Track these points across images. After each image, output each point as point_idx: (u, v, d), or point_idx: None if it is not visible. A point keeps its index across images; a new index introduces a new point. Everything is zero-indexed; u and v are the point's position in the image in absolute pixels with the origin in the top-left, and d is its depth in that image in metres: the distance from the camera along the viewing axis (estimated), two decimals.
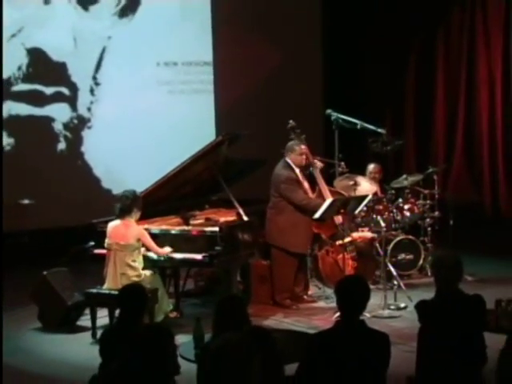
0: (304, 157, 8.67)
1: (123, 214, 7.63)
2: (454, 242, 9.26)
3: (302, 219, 8.58)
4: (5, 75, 10.80)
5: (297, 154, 8.61)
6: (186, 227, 8.05)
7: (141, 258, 7.64)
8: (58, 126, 11.23)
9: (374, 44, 13.14)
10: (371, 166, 10.03)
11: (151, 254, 7.75)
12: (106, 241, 7.68)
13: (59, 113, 11.22)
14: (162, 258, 7.80)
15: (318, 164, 8.86)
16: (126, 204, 7.63)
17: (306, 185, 8.73)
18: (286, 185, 8.57)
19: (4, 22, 10.68)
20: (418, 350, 5.25)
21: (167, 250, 7.73)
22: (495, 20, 12.74)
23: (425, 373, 5.19)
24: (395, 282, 8.83)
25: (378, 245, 9.13)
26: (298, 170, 8.68)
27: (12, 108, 10.90)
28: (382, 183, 10.00)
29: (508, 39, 12.64)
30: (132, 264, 7.57)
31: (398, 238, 9.49)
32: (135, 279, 7.44)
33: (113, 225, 7.67)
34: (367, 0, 13.08)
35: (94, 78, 11.41)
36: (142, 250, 7.71)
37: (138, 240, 7.60)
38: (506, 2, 12.63)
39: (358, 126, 9.63)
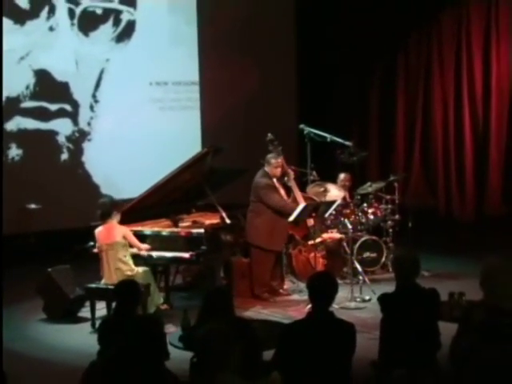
0: (279, 169, 8.70)
1: (104, 217, 7.68)
2: (413, 241, 9.27)
3: (277, 221, 8.60)
4: (14, 93, 10.75)
5: (273, 166, 8.65)
6: (175, 229, 8.04)
7: (129, 254, 7.65)
8: (61, 139, 11.18)
9: (342, 68, 13.16)
10: (342, 175, 10.04)
11: (135, 251, 7.76)
12: (96, 244, 7.70)
13: (62, 127, 11.17)
14: (151, 256, 7.80)
15: (290, 172, 8.88)
16: (106, 209, 7.70)
17: (282, 191, 8.76)
18: (265, 190, 8.59)
19: (14, 46, 10.63)
20: (380, 338, 5.27)
21: (145, 246, 7.77)
22: (448, 46, 12.80)
23: (386, 357, 5.21)
24: (360, 278, 8.87)
25: (345, 244, 9.14)
26: (274, 179, 8.71)
27: (20, 123, 10.84)
28: (352, 190, 10.02)
29: (460, 63, 12.70)
30: (123, 259, 7.59)
31: (363, 239, 9.51)
32: (129, 273, 7.45)
33: (98, 230, 7.71)
34: (336, 29, 13.10)
35: (94, 96, 11.37)
36: (134, 250, 7.72)
37: (124, 237, 7.62)
38: (458, 30, 12.70)
39: (328, 139, 9.67)
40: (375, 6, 12.64)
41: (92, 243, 7.90)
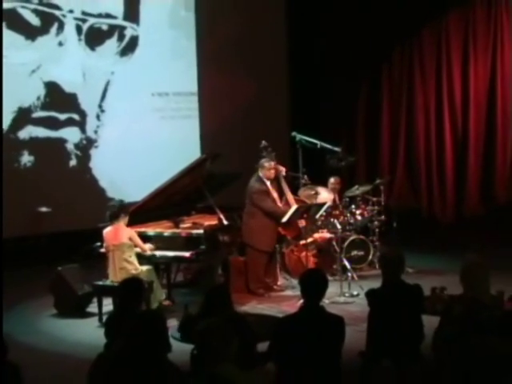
0: (273, 171, 8.71)
1: (112, 219, 7.69)
2: (397, 240, 9.29)
3: (269, 223, 8.62)
4: (26, 104, 10.72)
5: (266, 169, 8.66)
6: (176, 230, 8.04)
7: (134, 255, 7.65)
8: (70, 146, 11.15)
9: (331, 80, 13.16)
10: (331, 179, 10.04)
11: (148, 253, 7.75)
12: (104, 244, 7.69)
13: (71, 135, 11.15)
14: (154, 256, 7.80)
15: (283, 169, 8.87)
16: (114, 211, 7.72)
17: (274, 195, 8.76)
18: (257, 195, 8.61)
19: (25, 60, 10.63)
20: (367, 330, 5.28)
21: (149, 246, 7.77)
22: (429, 58, 12.82)
23: (374, 348, 5.22)
24: (349, 274, 8.86)
25: (334, 243, 9.15)
26: (268, 183, 8.71)
27: (32, 131, 10.82)
28: (341, 193, 10.02)
29: (440, 74, 12.73)
30: (129, 259, 7.58)
31: (352, 238, 9.51)
32: (133, 272, 7.44)
33: (106, 231, 7.70)
34: (325, 44, 13.12)
35: (100, 106, 11.35)
36: (138, 249, 7.72)
37: (130, 239, 7.62)
38: (438, 43, 12.73)
39: (318, 146, 9.68)
40: (362, 22, 12.66)
41: (99, 244, 7.90)
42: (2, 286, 6.85)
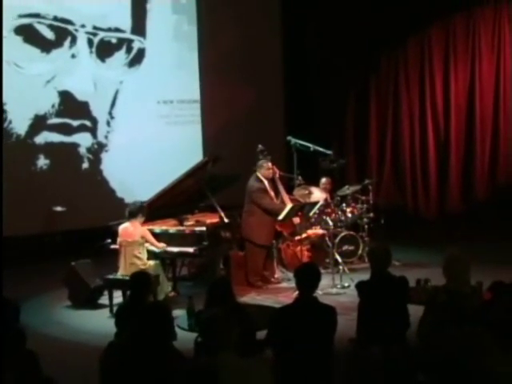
0: (271, 171, 8.71)
1: (130, 216, 7.67)
2: (385, 236, 9.29)
3: (267, 220, 8.60)
4: (41, 112, 10.71)
5: (265, 169, 8.66)
6: (180, 227, 8.03)
7: (145, 251, 7.66)
8: (82, 150, 11.14)
9: (323, 89, 13.16)
10: (324, 179, 10.04)
11: (153, 248, 7.76)
12: (118, 239, 7.68)
13: (83, 140, 11.14)
14: (162, 251, 7.81)
15: (276, 171, 8.87)
16: (133, 210, 7.69)
17: (271, 194, 8.76)
18: (257, 193, 8.60)
19: (41, 71, 10.63)
20: (358, 318, 5.28)
21: (162, 244, 7.77)
22: (413, 68, 12.85)
23: (363, 335, 5.22)
24: (340, 267, 8.86)
25: (327, 239, 9.13)
26: (266, 182, 8.70)
27: (47, 137, 10.81)
28: (332, 192, 10.02)
29: (423, 83, 12.75)
30: (138, 255, 7.58)
31: (343, 234, 9.51)
32: (142, 267, 7.43)
33: (122, 226, 7.68)
34: (318, 56, 13.12)
35: (110, 113, 11.35)
36: (147, 245, 7.72)
37: (142, 237, 7.62)
38: (421, 54, 12.74)
39: (311, 149, 9.67)
40: (352, 36, 12.66)
41: (109, 240, 7.90)
42: (2, 282, 6.82)
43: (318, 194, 9.60)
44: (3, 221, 9.69)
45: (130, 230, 7.61)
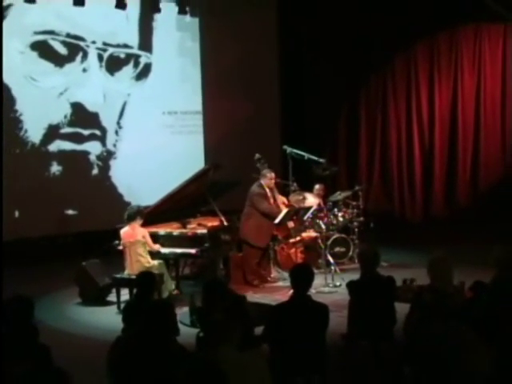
0: (273, 181, 8.73)
1: (129, 219, 7.68)
2: (374, 238, 9.27)
3: (264, 223, 8.61)
4: (54, 121, 10.71)
5: (268, 179, 8.68)
6: (183, 230, 8.02)
7: (147, 250, 7.65)
8: (92, 158, 11.15)
9: (317, 102, 13.15)
10: (317, 186, 10.03)
11: (156, 250, 7.75)
12: (121, 242, 7.69)
13: (93, 148, 11.14)
14: (167, 252, 7.81)
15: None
16: (132, 213, 7.71)
17: (271, 200, 8.77)
18: (257, 197, 8.63)
19: (54, 84, 10.64)
20: (348, 315, 5.28)
21: (158, 246, 7.77)
22: (400, 83, 12.92)
23: (353, 331, 5.22)
24: (332, 268, 8.85)
25: (320, 241, 9.14)
26: (267, 189, 8.72)
27: (60, 145, 10.81)
28: (325, 198, 10.02)
29: (410, 97, 12.79)
30: (142, 253, 7.59)
31: (334, 236, 9.50)
32: (146, 265, 7.45)
33: (123, 230, 7.71)
34: (312, 73, 13.12)
35: (118, 123, 11.35)
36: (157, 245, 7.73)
37: (143, 237, 7.63)
38: (408, 70, 12.78)
39: (305, 157, 9.69)
40: (343, 54, 12.68)
41: (117, 242, 7.89)
42: (3, 281, 6.79)
43: (311, 200, 9.61)
44: (21, 224, 9.72)
45: (131, 231, 7.64)
